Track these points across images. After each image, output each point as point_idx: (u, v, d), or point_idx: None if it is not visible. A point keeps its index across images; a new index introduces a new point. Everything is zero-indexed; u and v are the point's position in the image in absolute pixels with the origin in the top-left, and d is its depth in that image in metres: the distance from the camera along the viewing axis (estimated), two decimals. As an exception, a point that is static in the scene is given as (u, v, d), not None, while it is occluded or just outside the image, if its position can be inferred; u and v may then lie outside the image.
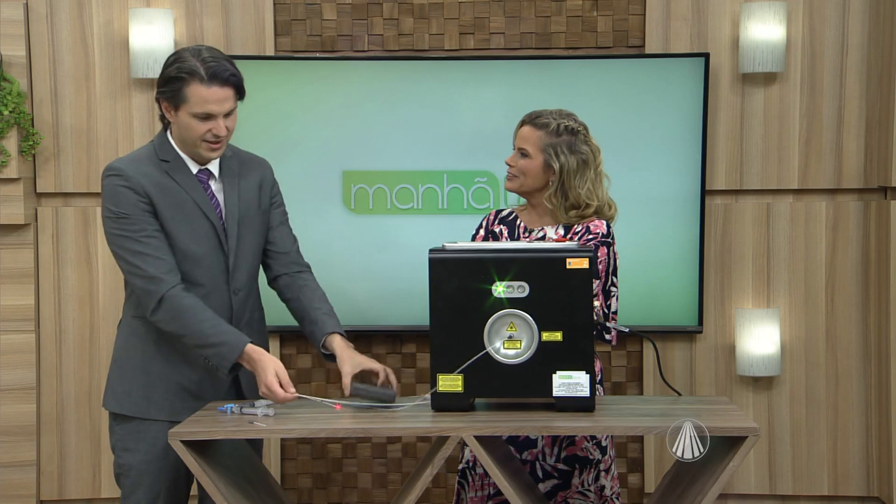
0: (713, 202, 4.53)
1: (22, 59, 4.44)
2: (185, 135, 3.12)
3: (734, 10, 4.48)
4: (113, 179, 3.10)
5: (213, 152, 3.14)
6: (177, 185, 3.13)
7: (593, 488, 3.36)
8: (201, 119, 3.08)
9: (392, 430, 3.01)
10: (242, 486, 3.04)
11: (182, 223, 3.13)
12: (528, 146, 3.33)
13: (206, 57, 3.07)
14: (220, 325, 3.08)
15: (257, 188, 3.29)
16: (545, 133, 3.33)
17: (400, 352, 4.63)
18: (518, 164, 3.35)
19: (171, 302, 3.05)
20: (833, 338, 4.53)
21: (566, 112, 3.40)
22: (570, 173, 3.31)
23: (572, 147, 3.32)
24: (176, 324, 3.06)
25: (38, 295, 4.52)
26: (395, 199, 4.49)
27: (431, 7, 4.57)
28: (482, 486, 3.38)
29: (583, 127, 3.38)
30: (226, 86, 3.07)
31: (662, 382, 3.37)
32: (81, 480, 4.56)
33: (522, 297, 2.91)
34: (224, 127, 3.10)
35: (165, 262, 3.08)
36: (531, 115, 3.39)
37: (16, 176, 4.41)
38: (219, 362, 3.06)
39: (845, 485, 4.53)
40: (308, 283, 3.36)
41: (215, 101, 3.07)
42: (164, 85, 3.10)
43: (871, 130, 4.46)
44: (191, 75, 3.05)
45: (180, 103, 3.08)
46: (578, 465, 3.35)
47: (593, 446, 3.36)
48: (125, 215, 3.08)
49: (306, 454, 4.66)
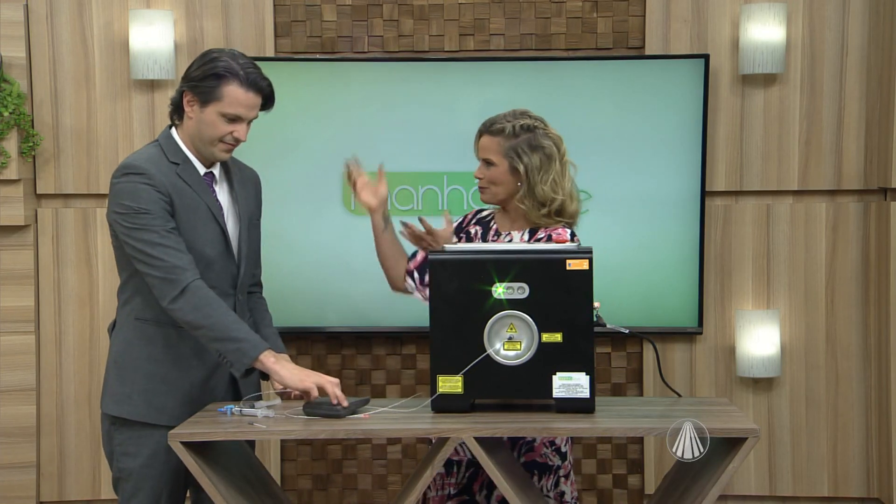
0: (713, 203, 4.54)
1: (22, 61, 4.44)
2: (205, 132, 3.11)
3: (734, 12, 4.48)
4: (134, 178, 3.07)
5: (225, 154, 3.16)
6: (189, 187, 3.13)
7: (553, 494, 3.35)
8: (228, 120, 3.10)
9: (392, 432, 3.00)
10: (242, 487, 3.04)
11: (198, 226, 3.12)
12: (491, 155, 3.31)
13: (245, 63, 3.13)
14: (242, 323, 3.08)
15: (254, 197, 3.33)
16: (503, 138, 3.31)
17: (400, 353, 4.64)
18: (486, 175, 3.33)
19: (196, 292, 3.02)
20: (833, 339, 4.53)
21: (519, 111, 3.37)
22: (535, 171, 3.28)
23: (533, 144, 3.29)
24: (198, 313, 3.02)
25: (38, 296, 4.52)
26: (396, 201, 4.49)
27: (431, 8, 4.57)
28: (443, 486, 3.38)
29: (539, 121, 3.35)
30: (259, 94, 3.13)
31: (662, 384, 3.37)
32: (81, 482, 4.55)
33: (522, 299, 2.91)
34: (245, 132, 3.13)
35: (186, 255, 3.06)
36: (486, 124, 3.36)
37: (16, 177, 4.41)
38: (237, 358, 3.02)
39: (845, 486, 4.53)
40: (261, 304, 3.43)
41: (247, 106, 3.11)
42: (199, 80, 3.09)
43: (870, 131, 4.46)
44: (232, 75, 3.08)
45: (211, 100, 3.08)
46: (538, 470, 3.34)
47: (552, 452, 3.35)
48: (147, 211, 3.05)
49: (306, 455, 4.66)
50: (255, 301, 3.40)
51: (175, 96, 3.17)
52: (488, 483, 3.30)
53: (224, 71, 3.08)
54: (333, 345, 4.62)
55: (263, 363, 3.03)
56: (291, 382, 3.04)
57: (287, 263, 4.46)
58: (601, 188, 4.47)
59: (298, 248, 4.46)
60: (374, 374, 4.63)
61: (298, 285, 4.42)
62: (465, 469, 3.35)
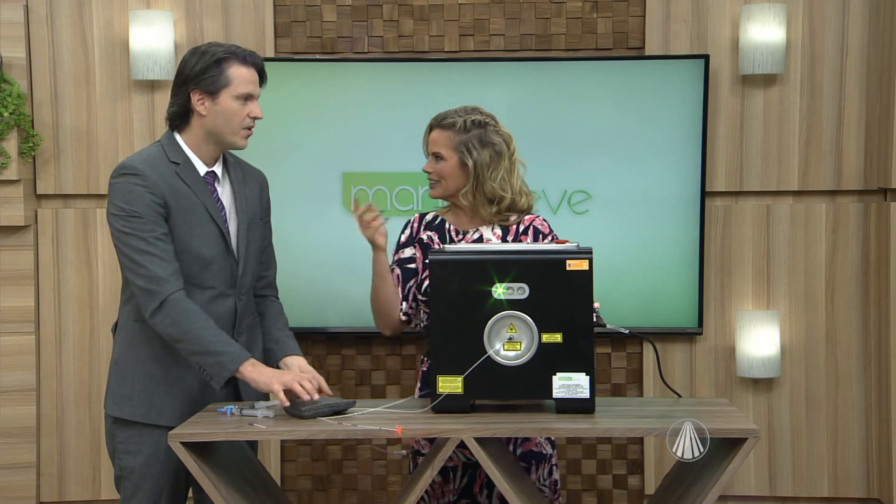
0: (713, 204, 4.54)
1: (22, 61, 4.44)
2: (227, 123, 3.12)
3: (734, 12, 4.48)
4: (129, 178, 3.08)
5: (245, 140, 3.18)
6: (187, 188, 3.13)
7: (548, 483, 3.37)
8: (243, 101, 3.12)
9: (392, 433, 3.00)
10: (242, 487, 3.04)
11: (194, 227, 3.12)
12: (441, 148, 3.30)
13: (231, 45, 3.17)
14: (222, 335, 3.06)
15: (258, 197, 3.32)
16: (453, 132, 3.30)
17: (400, 353, 4.64)
18: (435, 169, 3.32)
19: (175, 305, 3.03)
20: (833, 339, 4.53)
21: (471, 107, 3.37)
22: (483, 167, 3.27)
23: (483, 140, 3.29)
24: (176, 328, 3.03)
25: (38, 297, 4.52)
26: (395, 201, 4.49)
27: (431, 9, 4.57)
28: (443, 494, 3.38)
29: (490, 118, 3.35)
30: (256, 69, 3.17)
31: (662, 384, 3.37)
32: (81, 482, 4.55)
33: (522, 299, 2.91)
34: (259, 109, 3.16)
35: (171, 264, 3.06)
36: (437, 119, 3.35)
37: (16, 178, 4.41)
38: (216, 371, 3.02)
39: (845, 486, 4.53)
40: (274, 307, 3.39)
41: (253, 82, 3.15)
42: (201, 73, 3.10)
43: (870, 132, 4.47)
44: (231, 55, 3.11)
45: (222, 87, 3.10)
46: (534, 460, 3.35)
47: (546, 441, 3.37)
48: (137, 214, 3.06)
49: (306, 456, 4.66)
50: (268, 305, 3.38)
51: (177, 103, 3.15)
52: (488, 482, 3.31)
53: (223, 54, 3.11)
54: (333, 345, 4.62)
55: (242, 374, 3.04)
56: (262, 387, 3.04)
57: (287, 263, 4.42)
58: (601, 188, 4.48)
59: (298, 248, 4.46)
60: (374, 375, 4.64)
61: (298, 285, 4.42)
62: (461, 473, 3.35)
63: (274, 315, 3.37)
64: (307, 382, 3.02)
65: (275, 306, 3.39)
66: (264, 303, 3.38)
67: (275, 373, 3.07)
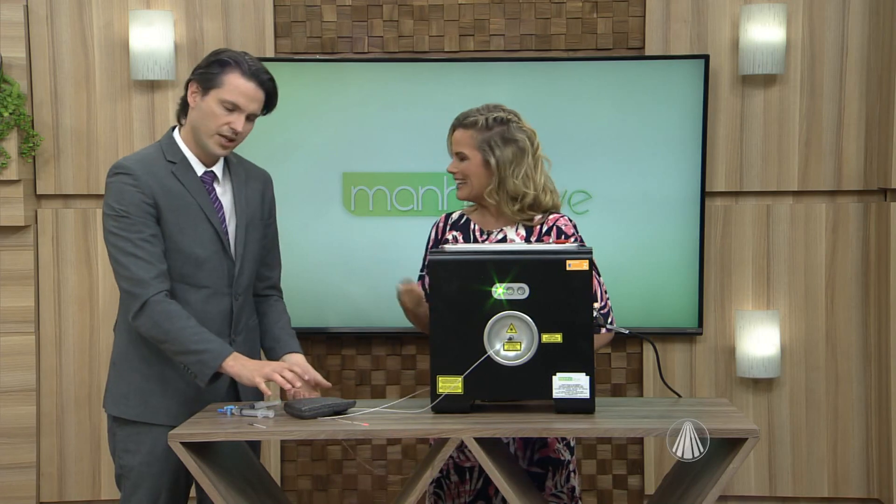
0: (713, 204, 4.54)
1: (22, 61, 4.44)
2: (204, 122, 3.12)
3: (734, 12, 4.48)
4: (121, 177, 3.09)
5: (222, 149, 3.15)
6: (182, 187, 3.13)
7: (566, 489, 3.35)
8: (227, 109, 3.10)
9: (392, 433, 3.00)
10: (242, 487, 3.04)
11: (186, 226, 3.13)
12: (464, 148, 3.28)
13: (250, 58, 3.17)
14: (203, 333, 3.05)
15: (260, 198, 3.31)
16: (476, 131, 3.28)
17: (400, 353, 4.64)
18: (460, 169, 3.30)
19: (155, 307, 3.03)
20: (833, 340, 4.53)
21: (493, 105, 3.33)
22: (506, 164, 3.25)
23: (506, 137, 3.26)
24: (157, 329, 3.04)
25: (38, 297, 4.53)
26: (395, 201, 4.49)
27: (431, 9, 4.57)
28: (458, 494, 3.37)
29: (513, 114, 3.31)
30: (261, 88, 3.14)
31: (662, 384, 3.37)
32: (81, 482, 4.56)
33: (522, 299, 2.91)
34: (243, 124, 3.13)
35: (155, 267, 3.06)
36: (459, 118, 3.33)
37: (16, 178, 4.41)
38: (200, 370, 3.02)
39: (845, 486, 4.53)
40: (277, 307, 3.39)
41: (246, 96, 3.11)
42: (203, 67, 3.13)
43: (870, 132, 4.47)
44: (235, 64, 3.11)
45: (212, 87, 3.10)
46: (551, 467, 3.34)
47: (564, 447, 3.36)
48: (126, 214, 3.07)
49: (306, 456, 4.66)
50: (271, 304, 3.38)
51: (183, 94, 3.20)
52: None
53: (228, 59, 3.12)
54: (333, 345, 4.62)
55: (225, 369, 3.03)
56: (245, 382, 3.04)
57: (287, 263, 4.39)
58: (601, 188, 4.48)
59: (298, 248, 4.46)
60: (374, 375, 4.64)
61: (298, 285, 4.41)
62: (478, 474, 3.34)
63: (276, 314, 3.37)
64: (287, 372, 3.02)
65: (277, 306, 3.39)
66: (267, 303, 3.38)
67: (257, 365, 3.05)
